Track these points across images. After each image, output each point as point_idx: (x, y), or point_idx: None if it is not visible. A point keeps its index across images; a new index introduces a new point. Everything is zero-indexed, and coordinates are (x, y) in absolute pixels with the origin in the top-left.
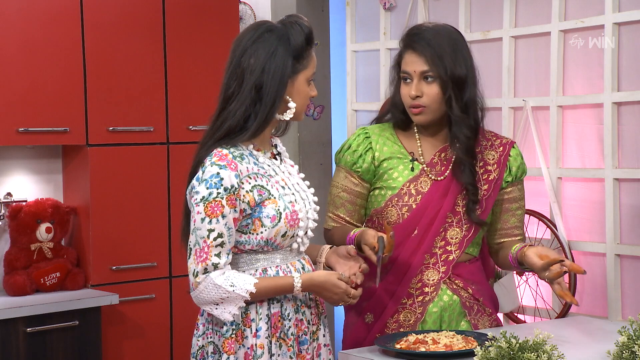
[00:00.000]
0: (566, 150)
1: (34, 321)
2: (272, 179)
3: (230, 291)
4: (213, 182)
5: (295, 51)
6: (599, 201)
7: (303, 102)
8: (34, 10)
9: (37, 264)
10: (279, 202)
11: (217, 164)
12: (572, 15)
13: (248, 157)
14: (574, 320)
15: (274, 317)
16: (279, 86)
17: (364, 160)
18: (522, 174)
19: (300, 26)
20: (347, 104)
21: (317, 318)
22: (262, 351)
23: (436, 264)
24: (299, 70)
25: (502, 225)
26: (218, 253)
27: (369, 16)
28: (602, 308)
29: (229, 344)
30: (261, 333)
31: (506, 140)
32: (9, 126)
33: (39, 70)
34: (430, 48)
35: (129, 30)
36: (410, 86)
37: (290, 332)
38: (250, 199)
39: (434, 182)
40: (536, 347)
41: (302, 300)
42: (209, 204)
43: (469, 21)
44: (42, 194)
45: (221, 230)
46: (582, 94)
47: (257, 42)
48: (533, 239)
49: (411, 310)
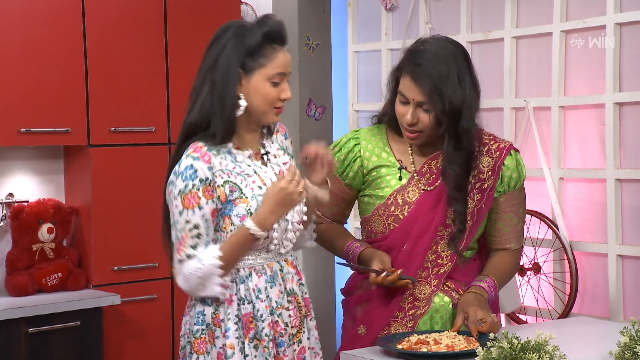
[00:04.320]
0: (568, 151)
1: (36, 321)
2: (248, 178)
3: (201, 267)
4: (188, 174)
5: (248, 48)
6: (601, 202)
7: (262, 102)
8: (36, 11)
9: (38, 264)
10: (250, 202)
11: (191, 155)
12: (574, 15)
13: (225, 154)
14: (576, 321)
15: (245, 317)
16: (224, 82)
17: (351, 169)
18: (516, 184)
19: (260, 24)
20: (348, 104)
21: (298, 320)
22: (232, 351)
23: (428, 278)
24: (253, 68)
25: (496, 232)
26: (194, 245)
27: (371, 17)
28: (604, 309)
29: (198, 344)
30: (230, 333)
31: (504, 144)
32: (11, 127)
33: (40, 70)
34: (429, 80)
35: (131, 30)
36: (406, 108)
37: (265, 333)
38: (222, 193)
39: (423, 192)
40: (538, 348)
41: (278, 302)
42: (186, 196)
43: (471, 22)
44: (44, 194)
45: (197, 221)
46: (584, 95)
47: (216, 40)
48: (535, 239)
49: (402, 323)
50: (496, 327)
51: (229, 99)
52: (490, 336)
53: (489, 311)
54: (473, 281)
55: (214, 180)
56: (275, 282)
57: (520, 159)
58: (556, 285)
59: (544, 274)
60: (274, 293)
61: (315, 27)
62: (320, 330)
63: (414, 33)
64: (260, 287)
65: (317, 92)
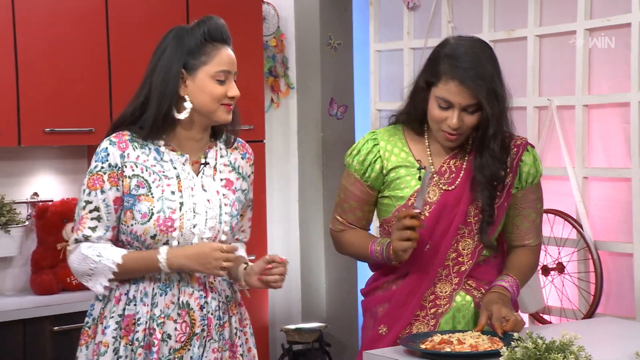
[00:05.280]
0: (592, 150)
1: (61, 320)
2: (164, 180)
3: (97, 261)
4: (101, 156)
5: (188, 47)
6: (626, 201)
7: (209, 100)
8: (60, 12)
9: (63, 263)
10: (155, 203)
11: (109, 139)
12: (598, 13)
13: (150, 150)
14: (601, 321)
15: (127, 318)
16: (164, 81)
17: (373, 170)
18: (533, 179)
19: (200, 24)
20: (370, 103)
21: (185, 337)
22: (105, 349)
23: (449, 276)
24: (196, 67)
25: (514, 229)
26: (94, 227)
27: (393, 16)
28: (629, 309)
29: (84, 336)
30: (108, 331)
31: (520, 141)
32: (36, 127)
33: (64, 71)
34: (482, 82)
35: (154, 31)
36: (447, 113)
37: (136, 337)
38: (126, 185)
39: (443, 192)
40: (563, 348)
41: (163, 311)
42: (92, 176)
43: (493, 20)
44: (68, 193)
45: (98, 204)
46: (608, 93)
47: (159, 45)
48: (559, 239)
49: (424, 322)
50: (519, 325)
51: (166, 99)
52: (515, 336)
53: (512, 309)
54: (495, 281)
55: (122, 170)
56: (168, 291)
57: (536, 155)
58: (580, 285)
59: (568, 274)
60: (162, 301)
61: (337, 26)
62: (342, 331)
63: (436, 32)
64: (148, 292)
65: (338, 91)
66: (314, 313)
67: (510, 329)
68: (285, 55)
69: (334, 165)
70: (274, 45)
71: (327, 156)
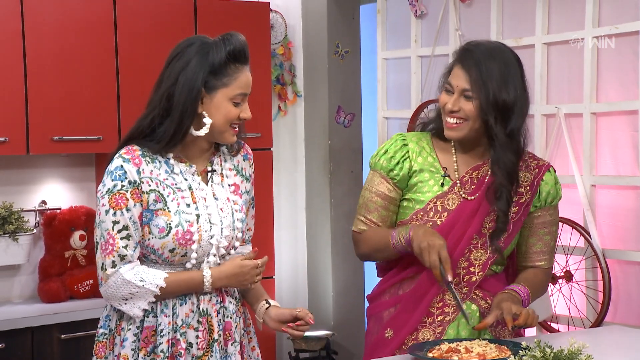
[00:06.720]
0: (600, 158)
1: (68, 328)
2: (178, 192)
3: (140, 286)
4: (118, 175)
5: (212, 66)
6: (634, 209)
7: (223, 121)
8: (69, 21)
9: (71, 271)
10: (172, 217)
11: (122, 156)
12: (606, 21)
13: (160, 163)
14: (609, 330)
15: (147, 330)
16: (187, 98)
17: (402, 168)
18: (552, 200)
19: (225, 42)
20: (377, 111)
21: (205, 343)
22: None
23: (458, 285)
24: (217, 87)
25: (528, 248)
26: (125, 245)
27: (400, 23)
28: (638, 317)
29: (99, 348)
30: (127, 344)
31: (543, 162)
32: (44, 135)
33: (73, 80)
34: (476, 69)
35: (162, 39)
36: (450, 97)
37: (161, 349)
38: (144, 200)
39: (463, 201)
40: (571, 357)
41: (184, 321)
42: (114, 196)
43: (501, 28)
44: (76, 201)
45: (126, 222)
46: (616, 101)
47: (179, 54)
48: (566, 247)
49: (430, 329)
50: (531, 318)
51: (189, 116)
52: (523, 345)
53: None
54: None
55: (140, 186)
56: (187, 300)
57: (557, 178)
58: (588, 293)
59: (576, 282)
60: (182, 311)
61: (344, 34)
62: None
63: (443, 40)
64: (167, 302)
65: (346, 99)
66: (321, 321)
67: (522, 322)
68: (292, 63)
69: (341, 172)
70: (282, 53)
71: (334, 164)
